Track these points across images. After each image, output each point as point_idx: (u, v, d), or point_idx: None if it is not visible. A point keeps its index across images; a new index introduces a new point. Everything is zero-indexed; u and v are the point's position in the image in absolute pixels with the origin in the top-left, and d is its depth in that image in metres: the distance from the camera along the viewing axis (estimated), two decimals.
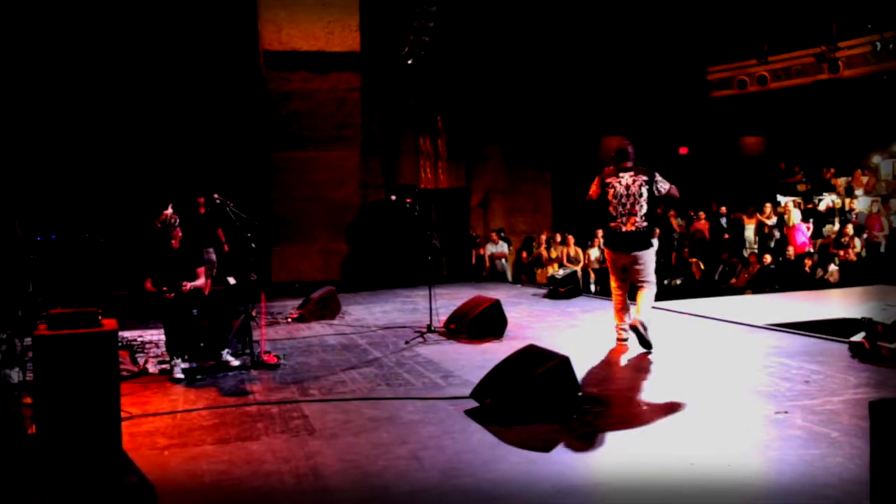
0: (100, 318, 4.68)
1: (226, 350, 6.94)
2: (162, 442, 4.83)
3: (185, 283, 6.71)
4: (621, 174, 7.22)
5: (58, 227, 11.86)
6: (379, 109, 16.19)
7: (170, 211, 6.83)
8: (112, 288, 7.23)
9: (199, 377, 6.60)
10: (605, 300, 11.75)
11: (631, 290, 7.40)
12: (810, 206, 17.35)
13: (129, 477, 4.25)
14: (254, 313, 7.94)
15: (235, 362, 6.90)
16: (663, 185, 7.20)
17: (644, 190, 7.11)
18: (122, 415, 4.79)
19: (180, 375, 6.57)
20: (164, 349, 7.10)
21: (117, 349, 4.76)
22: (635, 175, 7.18)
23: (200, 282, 6.90)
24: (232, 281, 7.76)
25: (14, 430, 4.99)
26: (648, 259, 7.21)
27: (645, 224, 7.12)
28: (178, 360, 6.64)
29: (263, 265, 10.91)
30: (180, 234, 6.86)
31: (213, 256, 9.65)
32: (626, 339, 7.38)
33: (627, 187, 7.14)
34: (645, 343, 6.98)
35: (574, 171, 19.70)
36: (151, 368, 6.97)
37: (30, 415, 5.02)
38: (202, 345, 6.93)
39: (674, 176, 7.43)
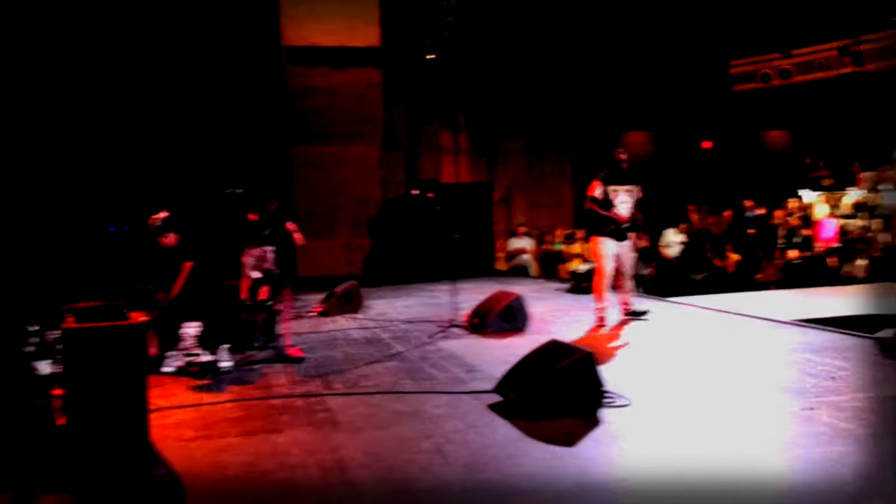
0: (125, 311, 4.73)
1: (224, 346, 6.92)
2: (188, 434, 4.88)
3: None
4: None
5: (87, 222, 12.01)
6: (400, 104, 16.19)
7: (161, 215, 6.96)
8: (141, 282, 7.33)
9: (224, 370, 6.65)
10: None
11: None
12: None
13: (156, 468, 4.30)
14: (278, 307, 7.98)
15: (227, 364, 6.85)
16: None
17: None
18: (150, 407, 4.83)
19: (228, 364, 6.65)
20: (194, 342, 7.16)
21: (145, 342, 4.81)
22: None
23: None
24: (257, 275, 7.82)
25: (44, 422, 5.05)
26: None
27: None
28: (224, 353, 6.71)
29: (288, 260, 10.95)
30: (173, 235, 6.94)
31: (273, 255, 9.54)
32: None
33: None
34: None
35: (596, 166, 19.66)
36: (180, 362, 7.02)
37: (59, 406, 5.08)
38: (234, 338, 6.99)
39: (696, 170, 7.86)
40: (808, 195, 17.51)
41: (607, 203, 8.31)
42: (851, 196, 17.36)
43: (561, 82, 18.43)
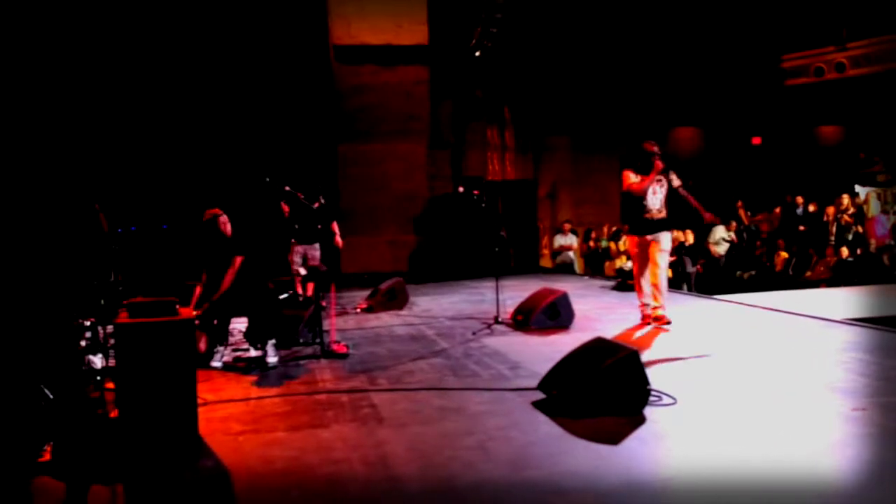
0: (177, 307, 4.83)
1: (271, 341, 7.02)
2: (236, 428, 4.96)
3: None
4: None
5: (137, 220, 12.27)
6: (446, 102, 16.22)
7: (213, 212, 7.12)
8: (188, 278, 7.47)
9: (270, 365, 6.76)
10: (673, 293, 11.59)
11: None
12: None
13: (205, 461, 4.39)
14: (323, 303, 8.08)
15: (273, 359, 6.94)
16: None
17: None
18: (198, 401, 4.93)
19: (275, 359, 6.76)
20: (241, 338, 7.29)
21: (194, 337, 4.90)
22: None
23: None
24: (303, 272, 7.92)
25: (98, 415, 5.19)
26: None
27: None
28: (271, 349, 6.82)
29: (333, 256, 11.07)
30: (228, 224, 7.10)
31: (318, 252, 9.72)
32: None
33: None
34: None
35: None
36: (227, 357, 7.15)
37: (112, 399, 5.22)
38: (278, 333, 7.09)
39: (747, 167, 7.66)
40: (862, 191, 17.13)
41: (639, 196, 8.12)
42: None
43: (608, 78, 18.29)
